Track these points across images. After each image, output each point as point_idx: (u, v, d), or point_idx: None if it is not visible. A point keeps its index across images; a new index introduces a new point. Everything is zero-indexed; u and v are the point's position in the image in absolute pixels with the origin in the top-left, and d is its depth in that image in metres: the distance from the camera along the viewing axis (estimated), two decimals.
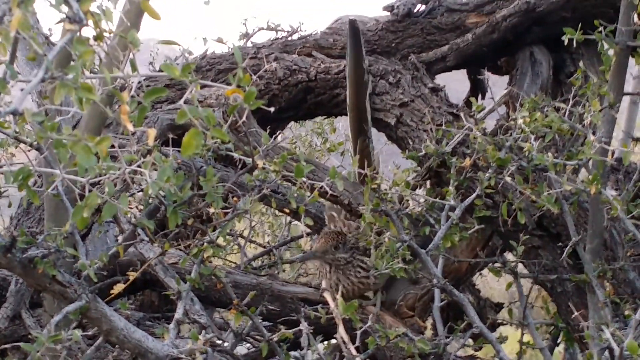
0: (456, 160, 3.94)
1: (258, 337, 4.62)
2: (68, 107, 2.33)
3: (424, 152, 4.06)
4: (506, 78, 4.99)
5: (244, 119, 2.32)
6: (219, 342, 3.34)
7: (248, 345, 4.89)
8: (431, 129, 4.20)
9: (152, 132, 1.92)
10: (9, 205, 4.13)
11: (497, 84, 5.11)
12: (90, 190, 2.13)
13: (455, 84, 5.23)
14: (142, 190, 2.79)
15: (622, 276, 3.82)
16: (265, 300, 3.74)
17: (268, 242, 6.29)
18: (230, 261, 5.88)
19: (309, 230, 5.68)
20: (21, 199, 4.08)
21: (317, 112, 4.89)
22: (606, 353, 3.29)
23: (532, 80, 4.72)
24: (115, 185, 2.29)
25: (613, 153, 4.69)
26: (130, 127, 1.78)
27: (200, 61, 5.00)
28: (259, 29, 5.53)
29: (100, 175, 2.16)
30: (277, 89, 4.81)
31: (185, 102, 2.03)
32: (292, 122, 5.69)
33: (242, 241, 5.76)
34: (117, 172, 2.12)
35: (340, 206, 4.29)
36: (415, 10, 5.01)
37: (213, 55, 5.01)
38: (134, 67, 2.12)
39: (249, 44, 5.22)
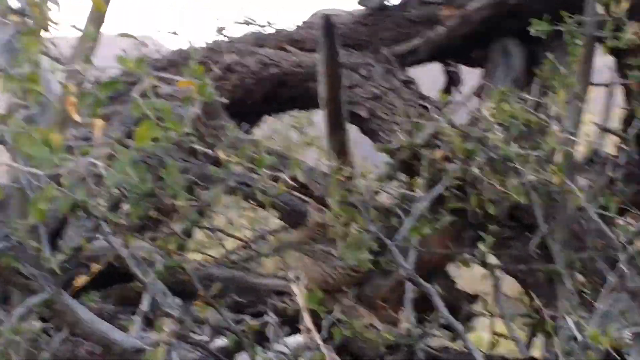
0: (428, 153, 3.95)
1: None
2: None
3: (395, 144, 4.06)
4: (478, 71, 5.00)
5: (197, 111, 2.33)
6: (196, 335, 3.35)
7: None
8: (403, 122, 4.21)
9: (99, 123, 1.93)
10: None
11: (470, 78, 5.13)
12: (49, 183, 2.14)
13: (429, 77, 5.24)
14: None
15: (590, 267, 3.84)
16: (239, 293, 3.75)
17: (246, 236, 6.29)
18: (209, 255, 5.88)
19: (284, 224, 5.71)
20: None
21: (290, 105, 4.91)
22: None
23: (505, 73, 4.72)
24: (84, 178, 2.30)
25: (590, 145, 4.72)
26: (77, 118, 1.79)
27: (174, 55, 5.00)
28: (233, 23, 5.53)
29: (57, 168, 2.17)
30: (251, 82, 4.82)
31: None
32: (269, 117, 5.70)
33: (220, 235, 5.77)
34: (73, 165, 2.12)
35: (313, 198, 4.31)
36: (388, 4, 5.02)
37: (174, 53, 5.02)
38: (88, 60, 2.13)
39: (224, 38, 5.22)
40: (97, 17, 2.97)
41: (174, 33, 5.50)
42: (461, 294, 5.35)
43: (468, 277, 5.72)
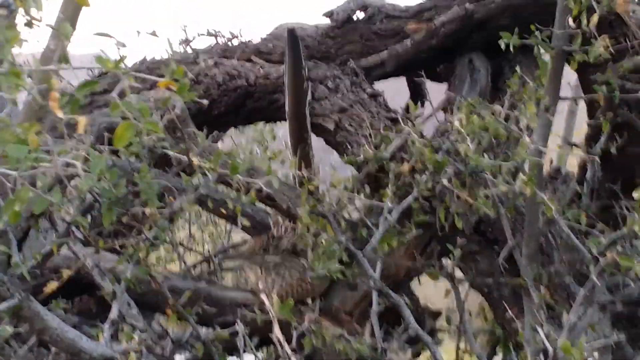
0: (394, 165, 3.94)
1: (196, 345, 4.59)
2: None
3: (362, 157, 4.05)
4: (444, 86, 5.01)
5: (173, 115, 2.30)
6: (157, 348, 3.31)
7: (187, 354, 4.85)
8: (370, 134, 4.20)
9: (83, 120, 1.90)
10: None
11: (435, 92, 5.13)
12: (22, 184, 2.10)
13: (392, 92, 5.24)
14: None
15: (557, 280, 3.84)
16: (203, 304, 3.72)
17: (208, 251, 6.25)
18: (170, 270, 5.84)
19: (248, 237, 5.68)
20: None
21: (256, 117, 4.88)
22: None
23: (470, 87, 4.73)
24: (60, 180, 2.25)
25: (552, 161, 4.73)
26: (60, 115, 1.75)
27: (140, 66, 4.96)
28: (199, 35, 5.50)
29: (33, 169, 2.12)
30: (217, 93, 4.80)
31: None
32: (232, 130, 5.67)
33: (181, 249, 5.73)
34: (49, 165, 2.08)
35: (278, 210, 4.29)
36: (354, 17, 5.03)
37: (153, 61, 4.98)
38: (65, 59, 2.09)
39: (189, 50, 5.19)
40: (72, 13, 2.94)
41: (154, 34, 5.43)
42: (425, 310, 5.36)
43: (431, 294, 5.72)
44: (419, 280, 5.22)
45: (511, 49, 3.60)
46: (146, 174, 2.63)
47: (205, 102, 2.36)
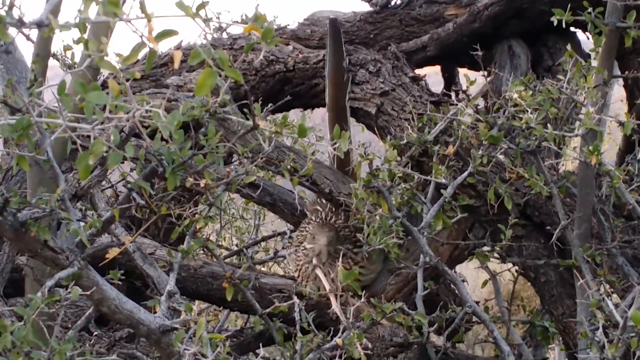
0: (439, 149, 3.89)
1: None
2: None
3: (405, 140, 3.99)
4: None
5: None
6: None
7: None
8: (412, 118, 4.14)
9: (178, 55, 1.84)
10: None
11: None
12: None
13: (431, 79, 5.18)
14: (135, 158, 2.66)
15: (609, 263, 3.78)
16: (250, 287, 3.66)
17: (236, 245, 6.20)
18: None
19: (280, 230, 5.63)
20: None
21: (295, 103, 4.81)
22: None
23: (510, 74, 4.67)
24: (121, 132, 2.19)
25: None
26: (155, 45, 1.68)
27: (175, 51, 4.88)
28: (234, 22, 5.43)
29: (103, 124, 2.05)
30: (254, 80, 4.74)
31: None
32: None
33: (210, 245, 5.67)
34: (126, 116, 2.01)
35: (321, 195, 4.23)
36: (393, 2, 4.99)
37: (188, 46, 4.92)
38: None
39: (224, 36, 5.12)
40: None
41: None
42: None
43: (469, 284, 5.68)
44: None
45: (563, 25, 3.55)
46: (213, 135, 2.57)
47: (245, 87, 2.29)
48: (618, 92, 5.75)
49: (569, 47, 3.73)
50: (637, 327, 2.77)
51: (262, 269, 5.20)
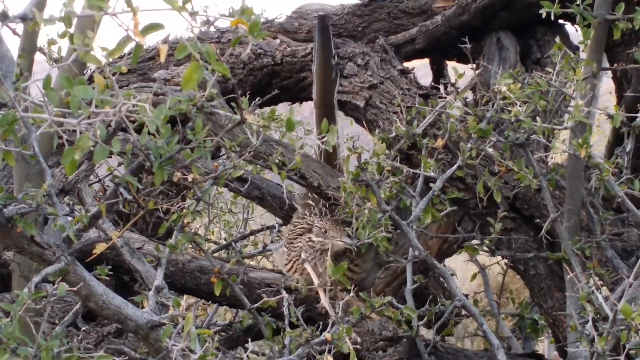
0: (427, 142, 3.88)
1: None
2: None
3: (394, 133, 3.98)
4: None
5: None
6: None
7: None
8: (401, 111, 4.13)
9: (164, 48, 1.82)
10: None
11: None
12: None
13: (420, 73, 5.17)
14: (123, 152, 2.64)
15: (599, 255, 3.78)
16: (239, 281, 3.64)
17: (225, 239, 6.17)
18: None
19: (269, 224, 5.61)
20: None
21: (282, 96, 4.79)
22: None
23: (499, 66, 4.65)
24: (107, 126, 2.17)
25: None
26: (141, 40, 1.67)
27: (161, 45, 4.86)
28: (221, 15, 5.42)
29: (89, 118, 2.04)
30: (242, 73, 4.73)
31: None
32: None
33: (198, 239, 5.63)
34: (112, 110, 2.00)
35: (309, 189, 4.21)
36: None
37: (175, 40, 4.90)
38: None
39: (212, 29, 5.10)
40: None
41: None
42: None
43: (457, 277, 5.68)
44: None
45: (552, 17, 3.54)
46: (200, 129, 2.56)
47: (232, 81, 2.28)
48: (607, 84, 5.76)
49: (557, 39, 3.73)
50: (627, 320, 2.77)
51: (251, 263, 5.17)
